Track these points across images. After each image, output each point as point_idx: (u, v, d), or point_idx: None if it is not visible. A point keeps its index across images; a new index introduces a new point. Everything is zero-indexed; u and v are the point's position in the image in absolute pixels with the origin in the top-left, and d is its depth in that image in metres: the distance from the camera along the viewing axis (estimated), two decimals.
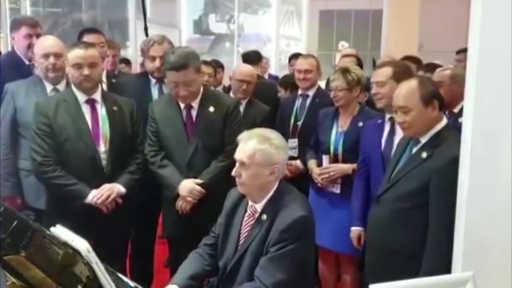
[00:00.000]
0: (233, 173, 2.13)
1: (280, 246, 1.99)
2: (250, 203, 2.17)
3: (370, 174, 2.74)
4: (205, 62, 4.10)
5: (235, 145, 2.74)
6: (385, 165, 2.58)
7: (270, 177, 2.08)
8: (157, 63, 3.15)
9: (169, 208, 2.83)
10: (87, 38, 3.34)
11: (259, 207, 2.13)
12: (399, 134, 2.62)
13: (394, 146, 2.59)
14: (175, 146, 2.78)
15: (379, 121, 2.80)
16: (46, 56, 2.93)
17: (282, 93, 4.57)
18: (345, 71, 3.08)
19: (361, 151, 2.88)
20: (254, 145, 2.07)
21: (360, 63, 3.96)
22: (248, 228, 2.15)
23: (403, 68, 2.77)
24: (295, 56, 5.38)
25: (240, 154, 2.10)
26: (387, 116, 2.74)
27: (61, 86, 2.99)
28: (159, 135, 2.80)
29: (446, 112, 2.83)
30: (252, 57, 5.47)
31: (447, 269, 1.77)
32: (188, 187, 2.71)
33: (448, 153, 2.07)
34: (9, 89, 2.98)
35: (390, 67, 2.72)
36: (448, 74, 3.06)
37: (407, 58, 4.40)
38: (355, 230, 2.78)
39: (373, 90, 2.75)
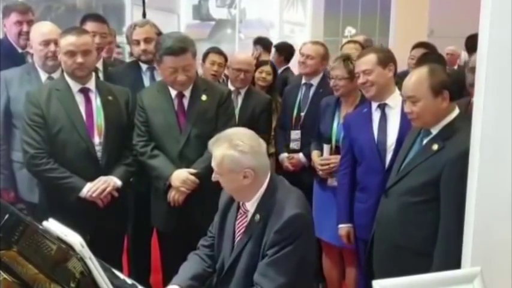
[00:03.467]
0: (212, 178, 2.15)
1: (277, 249, 1.98)
2: (241, 202, 2.17)
3: (364, 166, 2.75)
4: (218, 51, 3.99)
5: None
6: (381, 154, 2.63)
7: (244, 180, 2.06)
8: (142, 46, 3.19)
9: (159, 201, 2.82)
10: (89, 25, 3.33)
11: (250, 206, 2.12)
12: (392, 120, 2.67)
13: (388, 133, 2.66)
14: (167, 136, 2.77)
15: (365, 110, 2.82)
16: (46, 43, 2.93)
17: None
18: (346, 59, 3.07)
19: (345, 145, 2.89)
20: (221, 152, 2.06)
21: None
22: (242, 228, 2.15)
23: (387, 53, 2.83)
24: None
25: (212, 161, 2.12)
26: (375, 105, 2.77)
27: (56, 75, 2.98)
28: (149, 125, 2.79)
29: None
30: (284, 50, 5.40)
31: (459, 265, 1.78)
32: (181, 177, 2.70)
33: (460, 145, 2.04)
34: (3, 77, 2.98)
35: (373, 53, 2.77)
36: None
37: (420, 44, 4.38)
38: (344, 228, 2.81)
39: (360, 80, 2.77)
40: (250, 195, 2.11)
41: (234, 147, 2.05)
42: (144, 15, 5.35)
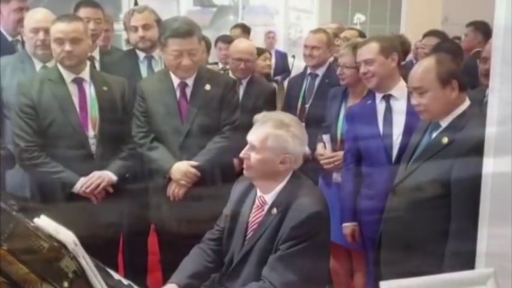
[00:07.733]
0: (242, 154, 2.13)
1: (291, 244, 1.99)
2: (259, 193, 2.16)
3: (369, 160, 2.75)
4: None
5: (232, 126, 2.76)
6: (387, 147, 2.64)
7: (280, 166, 2.07)
8: (140, 32, 3.20)
9: (158, 196, 2.83)
10: (83, 11, 3.33)
11: (268, 198, 2.12)
12: (397, 112, 2.68)
13: (394, 126, 2.67)
14: (168, 126, 2.77)
15: (369, 102, 2.81)
16: (35, 30, 2.93)
17: None
18: (356, 47, 3.02)
19: (348, 139, 2.90)
20: (268, 129, 2.06)
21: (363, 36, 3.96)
22: (256, 222, 2.14)
23: (390, 42, 2.83)
24: None
25: (252, 136, 2.09)
26: (379, 96, 2.76)
27: (51, 64, 2.97)
28: (149, 116, 2.80)
29: None
30: None
31: (471, 266, 1.78)
32: (182, 169, 2.70)
33: (472, 138, 2.05)
34: None
35: (376, 42, 2.76)
36: None
37: (431, 33, 4.37)
38: (348, 226, 2.83)
39: (361, 70, 2.77)
40: (273, 184, 2.11)
41: (286, 128, 2.06)
42: (135, 3, 5.35)
